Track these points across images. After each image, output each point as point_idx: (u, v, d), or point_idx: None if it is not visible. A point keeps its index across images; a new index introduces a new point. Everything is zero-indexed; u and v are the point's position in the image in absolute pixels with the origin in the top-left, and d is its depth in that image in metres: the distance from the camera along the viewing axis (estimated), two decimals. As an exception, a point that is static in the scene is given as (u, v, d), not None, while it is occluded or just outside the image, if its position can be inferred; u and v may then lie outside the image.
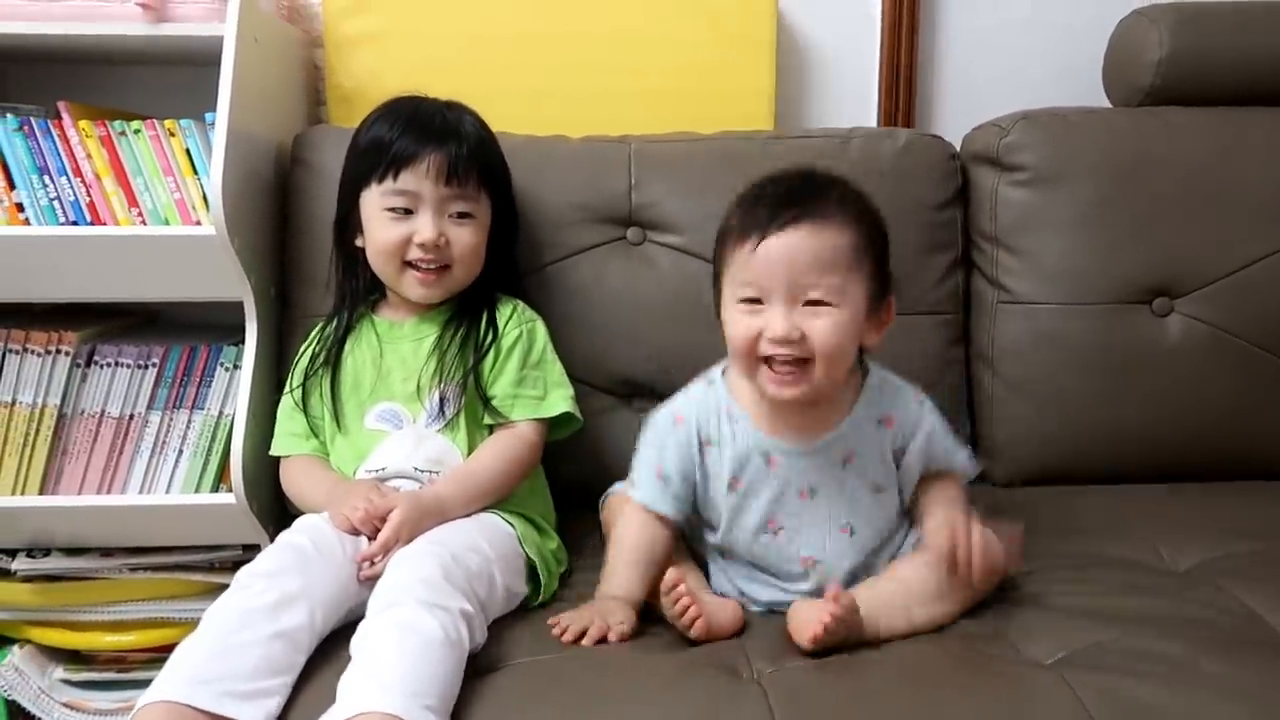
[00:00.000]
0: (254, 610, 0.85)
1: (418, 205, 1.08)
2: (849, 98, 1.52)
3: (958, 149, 1.36)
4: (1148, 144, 1.30)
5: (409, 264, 1.10)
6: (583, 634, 0.91)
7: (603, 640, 0.91)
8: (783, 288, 0.90)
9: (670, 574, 0.90)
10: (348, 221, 1.14)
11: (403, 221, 1.08)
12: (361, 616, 0.87)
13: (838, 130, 1.34)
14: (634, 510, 1.00)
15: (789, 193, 0.93)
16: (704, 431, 0.99)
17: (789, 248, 0.90)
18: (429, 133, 1.08)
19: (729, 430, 0.98)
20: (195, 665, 0.81)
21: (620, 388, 1.27)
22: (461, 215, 1.10)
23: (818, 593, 0.93)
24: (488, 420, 1.10)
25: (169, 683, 0.80)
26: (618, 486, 1.12)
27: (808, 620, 0.88)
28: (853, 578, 0.97)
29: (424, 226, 1.08)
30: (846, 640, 0.88)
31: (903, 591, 0.92)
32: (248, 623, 0.84)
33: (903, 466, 0.99)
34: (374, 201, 1.09)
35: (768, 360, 0.92)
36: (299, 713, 0.83)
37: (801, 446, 0.96)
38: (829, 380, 0.92)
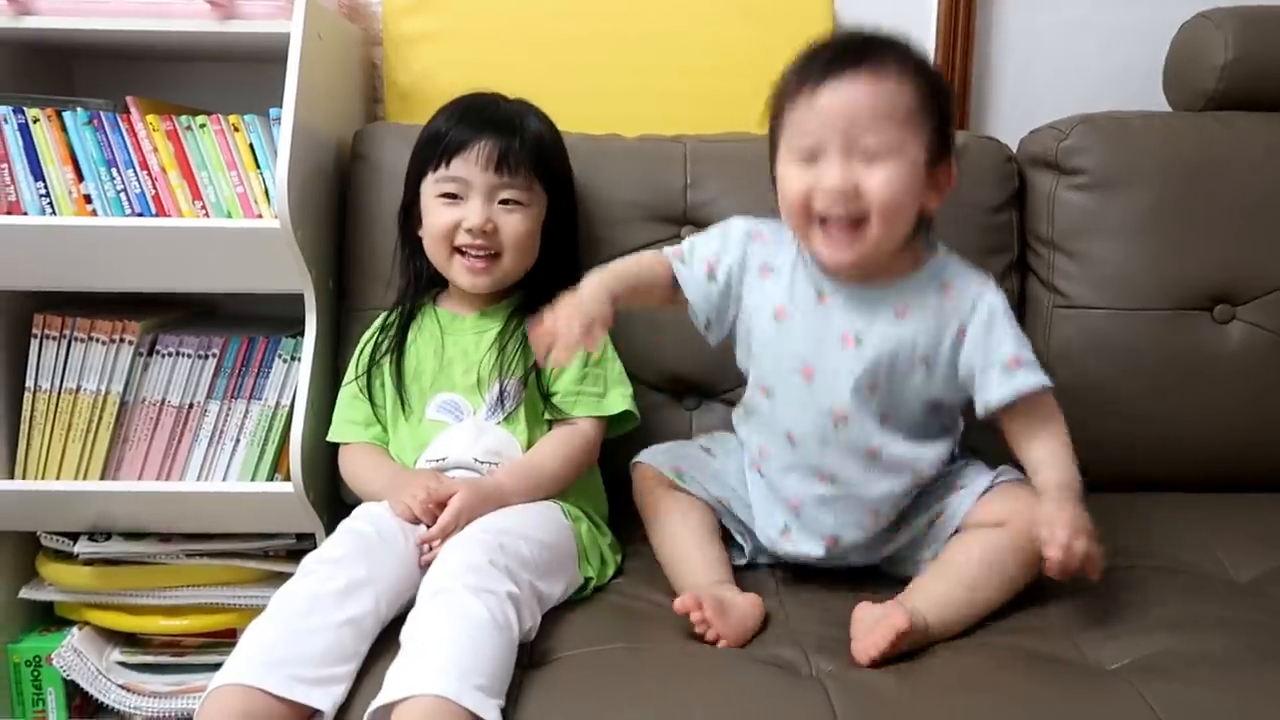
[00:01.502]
0: (322, 596, 0.86)
1: (467, 192, 1.10)
2: (903, 99, 1.51)
3: (1014, 151, 1.35)
4: (1210, 148, 1.28)
5: (459, 250, 1.11)
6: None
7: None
8: (838, 139, 0.88)
9: (680, 601, 0.90)
10: (411, 211, 1.16)
11: (453, 207, 1.10)
12: (419, 605, 0.88)
13: (893, 132, 1.33)
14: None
15: (848, 45, 0.92)
16: (771, 258, 0.98)
17: (846, 97, 0.88)
18: (481, 122, 1.11)
19: (792, 262, 0.97)
20: (265, 649, 0.82)
21: (672, 385, 1.28)
22: (511, 203, 1.11)
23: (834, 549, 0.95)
24: (548, 416, 1.11)
25: (240, 666, 0.80)
26: (643, 456, 1.10)
27: (869, 637, 0.86)
28: (878, 461, 0.95)
29: (472, 212, 1.09)
30: (914, 647, 0.87)
31: (965, 589, 0.91)
32: (316, 608, 0.85)
33: (963, 355, 0.93)
34: (430, 189, 1.12)
35: (823, 221, 0.90)
36: (359, 700, 0.83)
37: (855, 287, 0.94)
38: (886, 242, 0.90)
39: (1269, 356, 1.25)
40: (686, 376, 1.27)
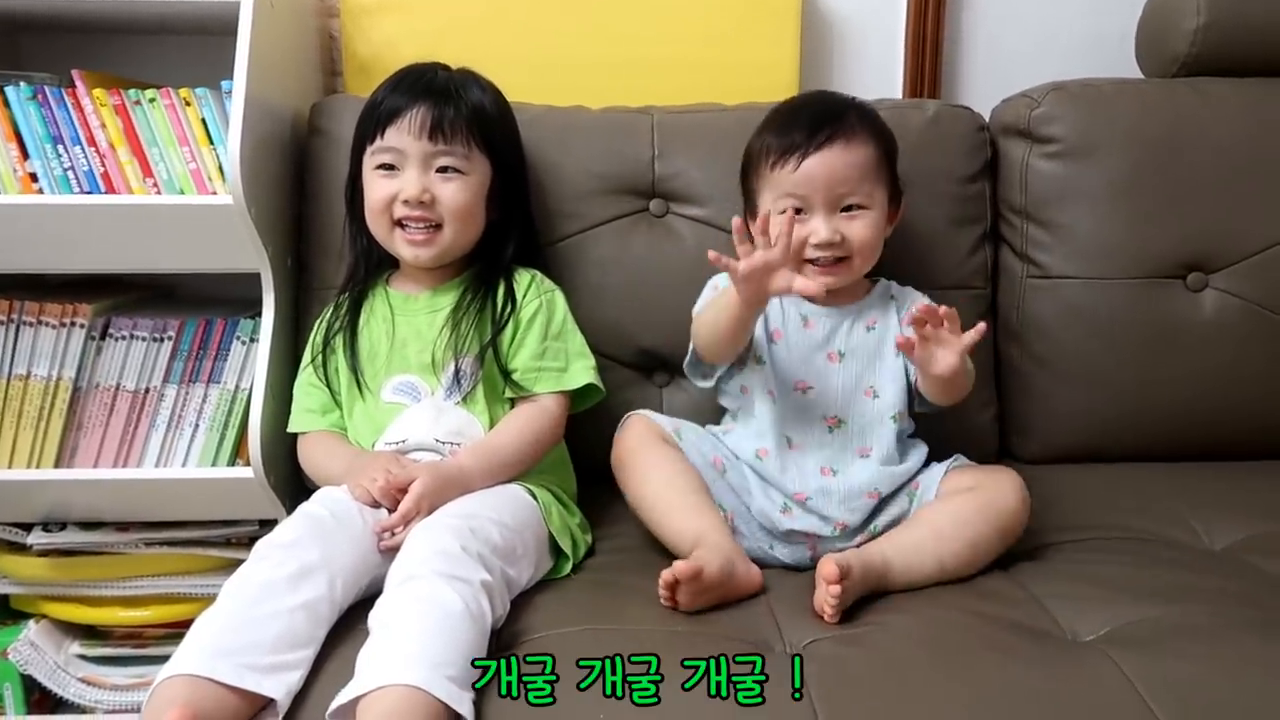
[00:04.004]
0: (274, 582, 0.84)
1: (403, 162, 1.07)
2: (874, 68, 1.49)
3: (986, 120, 1.33)
4: (1183, 115, 1.27)
5: (399, 223, 1.08)
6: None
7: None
8: (823, 197, 1.05)
9: (666, 574, 0.90)
10: (356, 186, 1.13)
11: (390, 178, 1.08)
12: (381, 590, 0.85)
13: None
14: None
15: (820, 115, 1.08)
16: None
17: (828, 163, 1.05)
18: (416, 90, 1.08)
19: None
20: (215, 638, 0.79)
21: (642, 360, 1.25)
22: (450, 170, 1.08)
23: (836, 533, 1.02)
24: (509, 393, 1.09)
25: (188, 656, 0.78)
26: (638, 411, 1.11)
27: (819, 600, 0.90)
28: (876, 446, 1.06)
29: (408, 182, 1.06)
30: (873, 590, 0.92)
31: (932, 536, 0.96)
32: (268, 595, 0.83)
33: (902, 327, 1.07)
34: (368, 162, 1.09)
35: (811, 260, 1.06)
36: (320, 687, 0.81)
37: (831, 308, 1.10)
38: (863, 271, 1.09)
39: (1242, 324, 1.25)
40: (656, 351, 1.24)
